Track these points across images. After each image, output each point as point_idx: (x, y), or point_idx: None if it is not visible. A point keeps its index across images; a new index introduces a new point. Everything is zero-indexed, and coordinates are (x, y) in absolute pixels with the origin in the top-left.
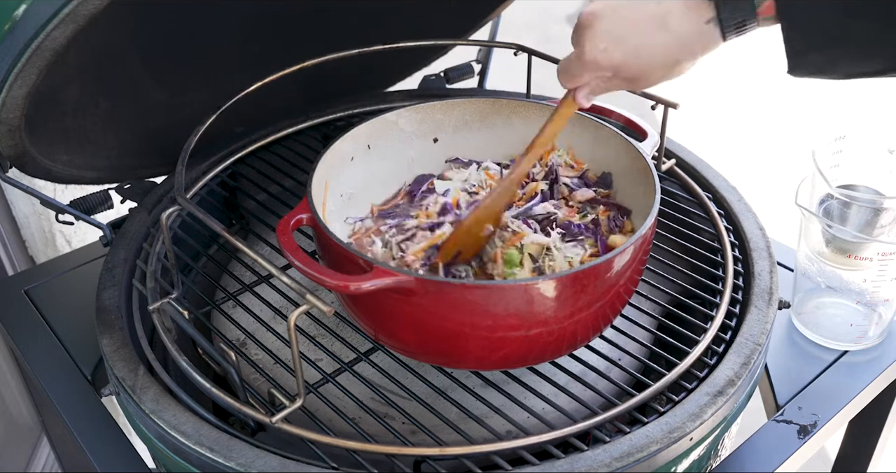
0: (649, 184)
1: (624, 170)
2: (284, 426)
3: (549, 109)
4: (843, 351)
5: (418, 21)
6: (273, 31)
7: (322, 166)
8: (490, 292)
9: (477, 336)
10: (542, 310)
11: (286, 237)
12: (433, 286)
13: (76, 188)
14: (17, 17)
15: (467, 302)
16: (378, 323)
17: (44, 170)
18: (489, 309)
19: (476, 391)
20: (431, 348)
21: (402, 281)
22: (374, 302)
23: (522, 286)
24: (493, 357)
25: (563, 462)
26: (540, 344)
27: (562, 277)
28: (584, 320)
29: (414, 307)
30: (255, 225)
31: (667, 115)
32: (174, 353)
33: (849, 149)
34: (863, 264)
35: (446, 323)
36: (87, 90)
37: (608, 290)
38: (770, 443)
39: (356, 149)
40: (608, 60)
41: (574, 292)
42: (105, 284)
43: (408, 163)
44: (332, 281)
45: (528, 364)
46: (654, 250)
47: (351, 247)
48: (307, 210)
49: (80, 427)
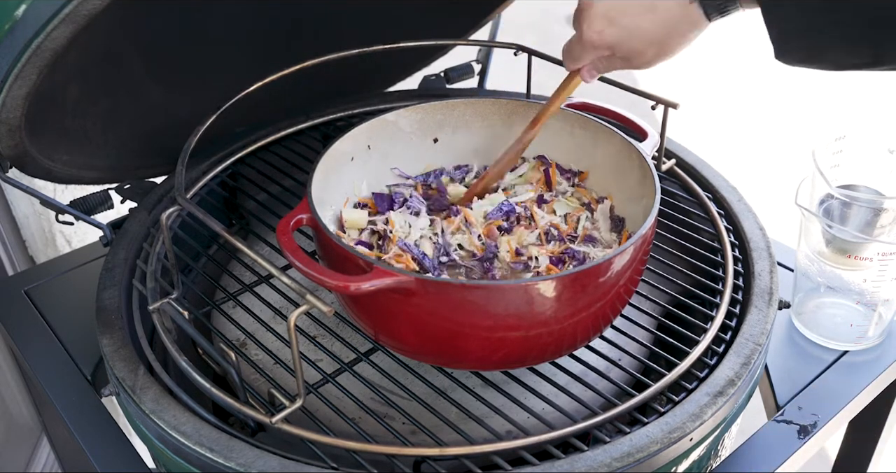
0: (649, 185)
1: (624, 169)
2: (284, 426)
3: None
4: (843, 351)
5: (418, 21)
6: (273, 31)
7: (322, 166)
8: (490, 292)
9: (477, 336)
10: (541, 311)
11: (286, 237)
12: (433, 286)
13: (76, 188)
14: (17, 17)
15: (467, 302)
16: (378, 323)
17: (44, 170)
18: (489, 309)
19: (476, 391)
20: (432, 348)
21: (403, 281)
22: (374, 302)
23: (522, 286)
24: (494, 357)
25: (563, 463)
26: (540, 344)
27: (562, 277)
28: (584, 320)
29: (414, 307)
30: (255, 225)
31: (667, 115)
32: (174, 353)
33: (849, 149)
34: (863, 264)
35: (446, 323)
36: (87, 90)
37: (608, 290)
38: (770, 443)
39: (356, 149)
40: (603, 41)
41: (574, 292)
42: (105, 284)
43: (408, 164)
44: (333, 281)
45: (528, 364)
46: (654, 250)
47: (351, 248)
48: (307, 210)
49: (80, 428)
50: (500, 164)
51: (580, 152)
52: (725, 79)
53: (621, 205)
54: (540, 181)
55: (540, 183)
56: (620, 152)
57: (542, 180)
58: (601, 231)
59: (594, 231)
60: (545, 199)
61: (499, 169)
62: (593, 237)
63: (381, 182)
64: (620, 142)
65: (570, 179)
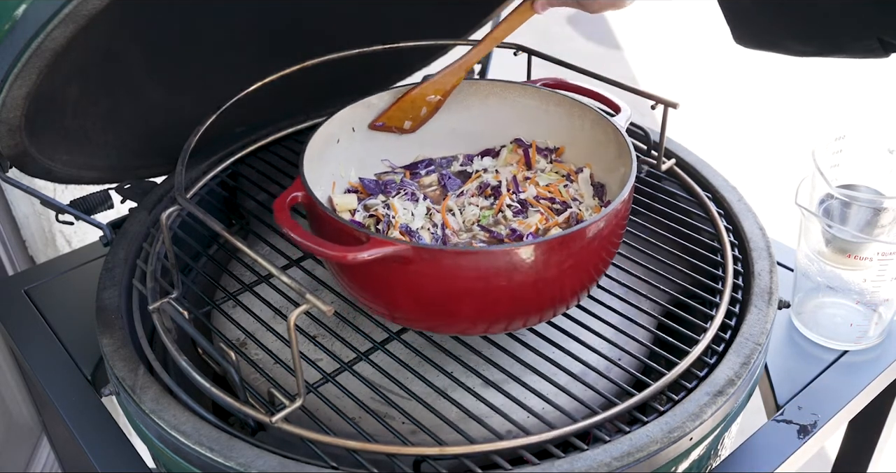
0: (625, 156)
1: (600, 143)
2: (284, 426)
3: (525, 88)
4: (843, 351)
5: (418, 21)
6: (273, 31)
7: (311, 148)
8: (481, 257)
9: (472, 298)
10: (531, 272)
11: (284, 214)
12: (428, 253)
13: (76, 188)
14: (17, 17)
15: (461, 267)
16: (375, 292)
17: (44, 170)
18: (482, 272)
19: (476, 391)
20: (427, 313)
21: (400, 250)
22: (371, 272)
23: (513, 250)
24: (488, 319)
25: (563, 462)
26: (533, 303)
27: (549, 240)
28: (570, 281)
29: (410, 275)
30: (255, 225)
31: (667, 115)
32: (174, 353)
33: (849, 149)
34: (863, 264)
35: (442, 289)
36: (87, 90)
37: (594, 251)
38: (770, 443)
39: (341, 131)
40: None
41: (558, 256)
42: (105, 284)
43: (391, 144)
44: (332, 252)
45: (522, 325)
46: (654, 250)
47: (348, 221)
48: (301, 189)
49: (81, 427)
50: (439, 77)
51: (556, 129)
52: (725, 79)
53: (599, 175)
54: (520, 162)
55: (520, 163)
56: (596, 127)
57: (521, 160)
58: (584, 197)
59: (577, 197)
60: (527, 177)
61: (436, 80)
62: (577, 201)
63: (365, 164)
64: (595, 116)
65: (547, 156)
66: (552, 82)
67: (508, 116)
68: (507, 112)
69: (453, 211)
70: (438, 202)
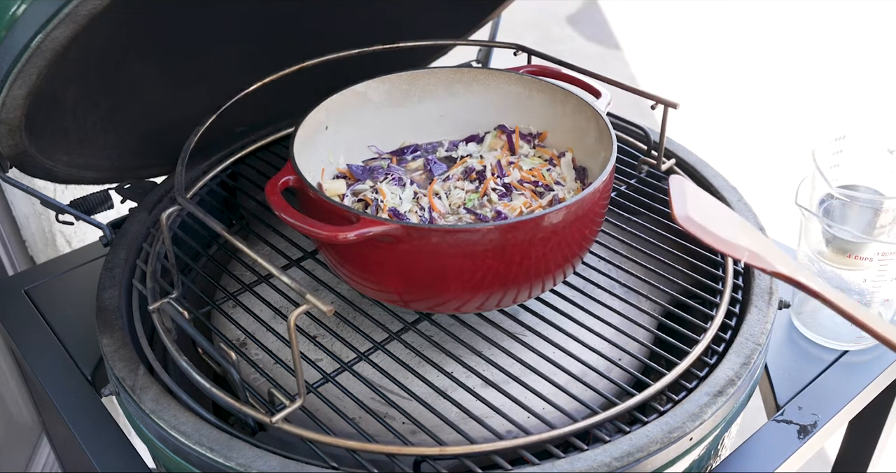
0: (606, 140)
1: (581, 128)
2: (284, 426)
3: (509, 74)
4: (843, 351)
5: (418, 21)
6: (273, 30)
7: (300, 134)
8: (470, 235)
9: (461, 276)
10: (517, 250)
11: (276, 196)
12: (417, 232)
13: (76, 188)
14: (17, 17)
15: (449, 245)
16: (365, 272)
17: (44, 170)
18: (469, 249)
19: (476, 391)
20: (417, 292)
21: (390, 229)
22: (361, 252)
23: (502, 226)
24: (479, 294)
25: (564, 462)
26: (520, 278)
27: (534, 218)
28: (554, 258)
29: (400, 254)
30: (255, 225)
31: (667, 115)
32: (174, 353)
33: (849, 149)
34: (863, 264)
35: (431, 267)
36: (87, 90)
37: (575, 230)
38: (770, 443)
39: (329, 118)
40: None
41: (542, 233)
42: (105, 284)
43: (378, 130)
44: (323, 231)
45: (510, 302)
46: (654, 250)
47: (338, 202)
48: (292, 172)
49: (81, 427)
50: None
51: (539, 114)
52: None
53: (581, 159)
54: (504, 147)
55: (504, 149)
56: (577, 112)
57: (505, 146)
58: (567, 180)
59: (560, 180)
60: (511, 161)
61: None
62: (560, 184)
63: (353, 151)
64: (577, 102)
65: (530, 141)
66: (535, 69)
67: (493, 102)
68: (491, 98)
69: (440, 194)
70: (425, 186)
